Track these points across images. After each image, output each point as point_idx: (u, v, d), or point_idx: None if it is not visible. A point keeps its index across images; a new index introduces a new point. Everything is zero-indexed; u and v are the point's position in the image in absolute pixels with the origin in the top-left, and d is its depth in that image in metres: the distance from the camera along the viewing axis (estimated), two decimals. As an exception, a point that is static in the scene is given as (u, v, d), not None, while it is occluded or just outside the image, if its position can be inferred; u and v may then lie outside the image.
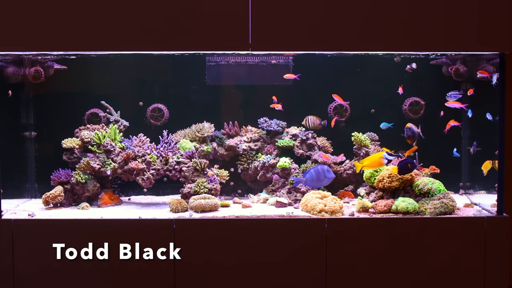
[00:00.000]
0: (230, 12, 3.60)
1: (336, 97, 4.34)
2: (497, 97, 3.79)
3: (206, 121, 4.58)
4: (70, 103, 4.52)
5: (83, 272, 3.62)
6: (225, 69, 4.48)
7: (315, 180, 3.95)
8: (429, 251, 3.67)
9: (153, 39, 3.62)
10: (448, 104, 4.17)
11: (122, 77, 4.53)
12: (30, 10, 3.58)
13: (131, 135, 4.43)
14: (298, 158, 4.49)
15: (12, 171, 4.27)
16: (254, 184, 4.57)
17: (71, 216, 3.82)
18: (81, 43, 3.62)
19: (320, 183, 3.96)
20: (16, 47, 3.67)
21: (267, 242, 3.66)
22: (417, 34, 3.64)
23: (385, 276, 3.67)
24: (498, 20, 3.62)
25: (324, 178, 3.93)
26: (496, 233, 3.67)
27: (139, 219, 3.72)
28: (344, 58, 4.20)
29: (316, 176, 3.93)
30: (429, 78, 4.51)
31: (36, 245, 3.62)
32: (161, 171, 4.22)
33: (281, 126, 4.55)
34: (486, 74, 4.15)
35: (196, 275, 3.65)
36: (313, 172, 3.95)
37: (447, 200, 3.79)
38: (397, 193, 4.01)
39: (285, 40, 3.64)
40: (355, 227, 3.69)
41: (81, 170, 4.15)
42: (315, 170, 3.95)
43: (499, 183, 3.82)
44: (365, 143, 4.43)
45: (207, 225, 3.69)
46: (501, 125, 3.78)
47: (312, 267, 3.66)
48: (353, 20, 3.63)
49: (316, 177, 3.93)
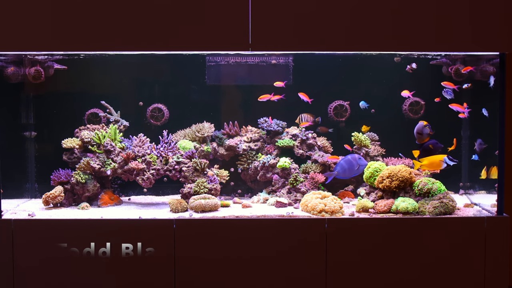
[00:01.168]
0: (230, 12, 3.60)
1: (303, 95, 4.33)
2: (497, 97, 3.79)
3: (206, 121, 4.58)
4: (70, 103, 4.52)
5: (83, 272, 3.62)
6: (225, 69, 4.48)
7: (347, 171, 3.81)
8: (429, 251, 3.67)
9: (153, 39, 3.62)
10: (452, 106, 4.17)
11: (122, 77, 4.53)
12: (30, 10, 3.58)
13: (131, 135, 4.43)
14: (298, 158, 4.49)
15: (12, 171, 4.27)
16: (254, 184, 4.57)
17: (71, 216, 3.82)
18: (81, 43, 3.62)
19: (354, 172, 3.82)
20: (16, 47, 3.68)
21: (267, 242, 3.66)
22: (409, 35, 3.65)
23: (385, 276, 3.67)
24: (497, 20, 3.62)
25: (358, 166, 3.82)
26: (496, 233, 3.68)
27: (139, 219, 3.72)
28: (345, 58, 4.21)
29: (348, 167, 3.80)
30: (429, 78, 4.51)
31: (36, 245, 3.62)
32: (161, 171, 4.22)
33: (281, 126, 4.55)
34: (470, 68, 4.16)
35: (196, 275, 3.65)
36: (343, 163, 3.81)
37: (447, 200, 3.79)
38: (397, 193, 4.01)
39: (285, 40, 3.64)
40: (355, 227, 3.69)
41: (81, 170, 4.15)
42: (346, 161, 3.81)
43: (499, 183, 3.82)
44: (365, 143, 4.43)
45: (207, 225, 3.69)
46: (501, 125, 3.78)
47: (312, 267, 3.66)
48: (352, 20, 3.63)
49: (348, 167, 3.81)
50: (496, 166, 4.03)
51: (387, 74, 4.48)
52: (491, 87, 3.93)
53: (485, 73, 4.26)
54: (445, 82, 4.20)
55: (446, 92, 4.18)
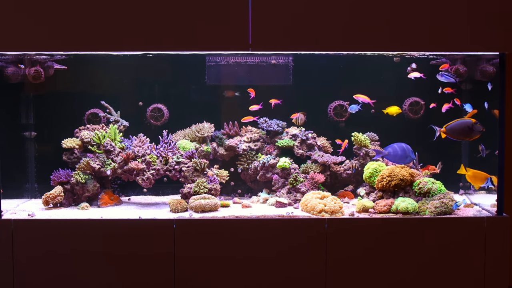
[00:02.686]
0: (230, 12, 3.60)
1: (273, 101, 4.38)
2: (497, 97, 3.79)
3: (206, 121, 4.58)
4: (70, 103, 4.52)
5: (83, 272, 3.62)
6: (225, 69, 4.48)
7: (398, 156, 3.68)
8: (429, 251, 3.67)
9: (153, 39, 3.61)
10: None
11: (122, 77, 4.53)
12: (30, 10, 3.58)
13: (131, 135, 4.43)
14: (298, 158, 4.49)
15: (12, 171, 4.27)
16: (254, 184, 4.57)
17: (71, 216, 3.82)
18: (81, 43, 3.62)
19: (403, 160, 3.70)
20: (16, 47, 3.67)
21: (267, 242, 3.66)
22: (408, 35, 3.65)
23: (385, 276, 3.67)
24: (497, 20, 3.62)
25: (408, 156, 3.69)
26: (496, 233, 3.68)
27: (139, 219, 3.72)
28: (345, 58, 4.21)
29: (401, 152, 3.67)
30: (429, 78, 4.51)
31: (36, 245, 3.63)
32: (161, 171, 4.22)
33: (281, 126, 4.56)
34: (446, 66, 4.15)
35: (196, 276, 3.65)
36: (397, 147, 3.68)
37: (447, 200, 3.79)
38: (397, 193, 4.01)
39: (285, 40, 3.64)
40: (355, 227, 3.69)
41: (81, 170, 4.15)
42: (400, 146, 3.68)
43: (499, 183, 3.82)
44: (365, 143, 4.43)
45: (207, 225, 3.69)
46: (501, 125, 3.78)
47: (312, 267, 3.66)
48: (352, 20, 3.64)
49: (401, 153, 3.67)
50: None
51: (387, 74, 4.48)
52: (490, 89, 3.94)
53: (485, 73, 4.27)
54: (443, 66, 4.17)
55: (442, 75, 4.11)
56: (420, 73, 4.21)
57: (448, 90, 4.21)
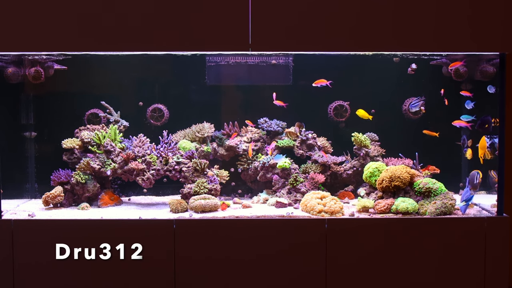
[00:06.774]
0: (230, 12, 3.60)
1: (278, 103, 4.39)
2: (497, 97, 3.79)
3: (206, 121, 4.58)
4: (70, 103, 4.52)
5: (83, 272, 3.62)
6: (225, 69, 4.48)
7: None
8: (429, 251, 3.67)
9: (153, 39, 3.61)
10: (455, 124, 4.17)
11: (122, 77, 4.53)
12: (29, 10, 3.58)
13: (131, 135, 4.43)
14: (298, 159, 4.49)
15: (12, 171, 4.27)
16: (254, 184, 4.57)
17: (71, 216, 3.82)
18: (81, 43, 3.62)
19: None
20: (16, 47, 3.67)
21: (267, 242, 3.66)
22: (409, 35, 3.65)
23: (385, 276, 3.67)
24: (497, 20, 3.63)
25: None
26: (496, 233, 3.68)
27: (139, 220, 3.72)
28: (345, 58, 4.20)
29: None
30: (429, 78, 4.51)
31: (36, 246, 3.62)
32: (161, 171, 4.22)
33: (281, 126, 4.56)
34: (457, 64, 4.20)
35: (196, 275, 3.65)
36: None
37: (447, 200, 3.79)
38: (397, 193, 4.00)
39: (285, 40, 3.64)
40: (355, 227, 3.69)
41: (81, 170, 4.15)
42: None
43: (499, 183, 3.82)
44: (365, 143, 4.43)
45: (207, 225, 3.69)
46: (501, 126, 3.78)
47: (312, 267, 3.65)
48: (352, 20, 3.64)
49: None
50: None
51: (387, 74, 4.48)
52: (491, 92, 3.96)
53: (485, 73, 4.27)
54: (453, 64, 4.22)
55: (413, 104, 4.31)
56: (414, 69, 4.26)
57: (465, 93, 4.23)
